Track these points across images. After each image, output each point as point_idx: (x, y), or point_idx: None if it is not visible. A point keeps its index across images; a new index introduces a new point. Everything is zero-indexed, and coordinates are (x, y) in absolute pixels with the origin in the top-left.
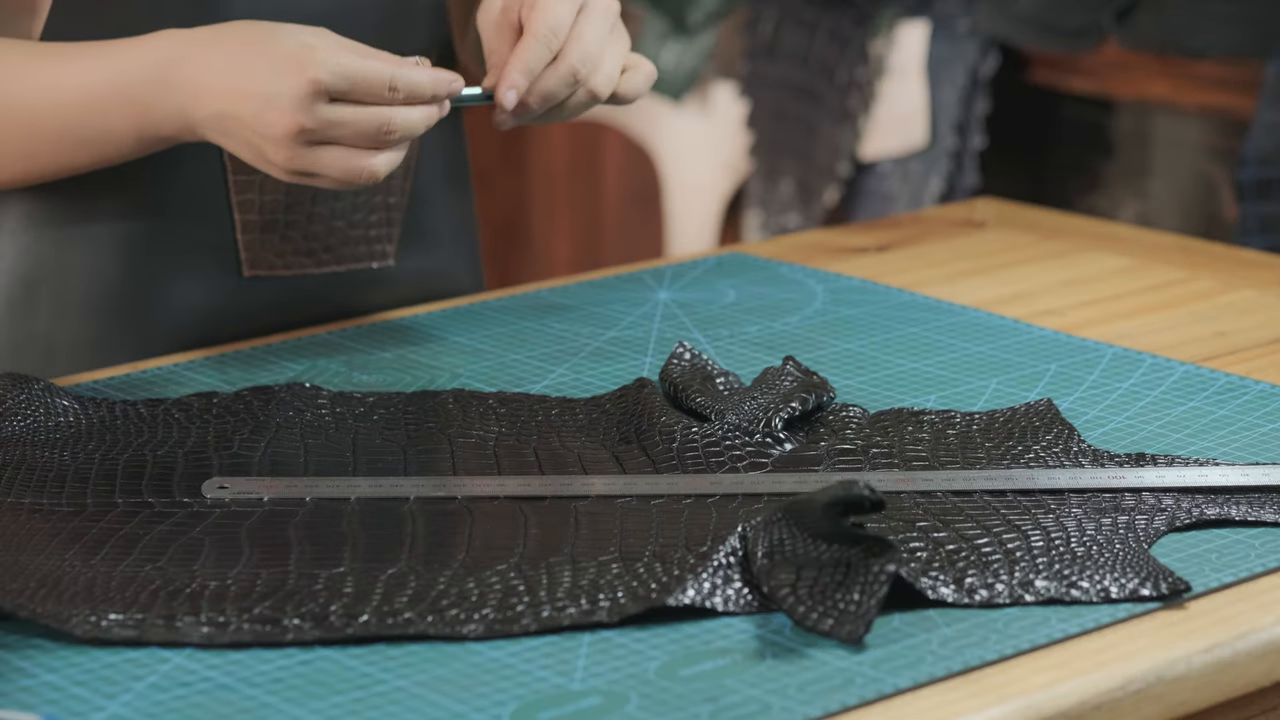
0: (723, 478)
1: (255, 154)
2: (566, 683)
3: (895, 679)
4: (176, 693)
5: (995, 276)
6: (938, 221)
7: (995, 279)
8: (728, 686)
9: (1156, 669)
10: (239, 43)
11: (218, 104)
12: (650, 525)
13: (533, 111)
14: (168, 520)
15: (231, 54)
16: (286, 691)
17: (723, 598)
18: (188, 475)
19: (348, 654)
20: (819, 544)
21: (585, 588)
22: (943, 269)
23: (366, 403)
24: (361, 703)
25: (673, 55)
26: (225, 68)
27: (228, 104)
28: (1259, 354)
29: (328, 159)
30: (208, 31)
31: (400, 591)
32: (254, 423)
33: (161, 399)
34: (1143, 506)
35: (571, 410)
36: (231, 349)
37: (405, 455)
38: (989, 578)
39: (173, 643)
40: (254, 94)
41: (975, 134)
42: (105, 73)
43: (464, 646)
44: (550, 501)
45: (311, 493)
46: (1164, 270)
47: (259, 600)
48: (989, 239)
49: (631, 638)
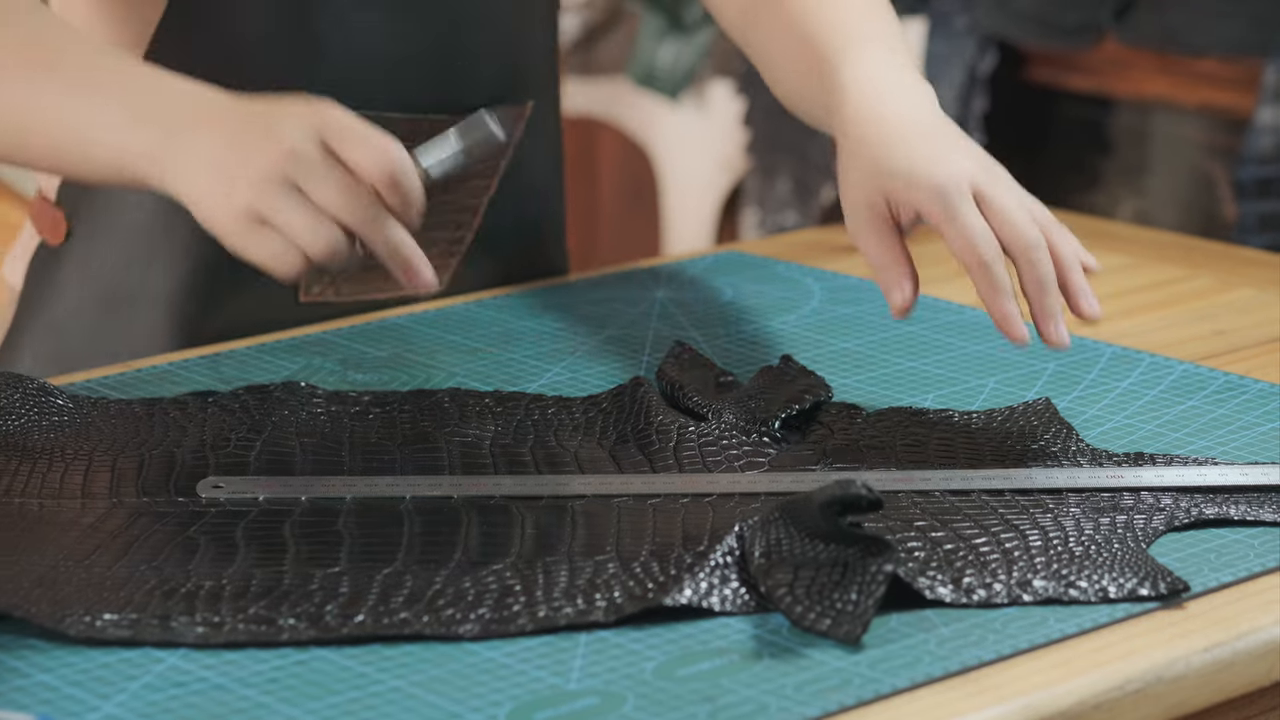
0: (720, 477)
1: (216, 181)
2: (563, 683)
3: (893, 679)
4: (171, 693)
5: None
6: None
7: None
8: (725, 687)
9: (1155, 669)
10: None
11: (203, 129)
12: (647, 525)
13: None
14: (163, 520)
15: (232, 101)
16: (282, 692)
17: (720, 598)
18: (183, 475)
19: (343, 654)
20: (816, 544)
21: (582, 587)
22: (941, 268)
23: (362, 402)
24: (357, 703)
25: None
26: (222, 105)
27: (213, 126)
28: (1258, 353)
29: (296, 206)
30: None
31: (396, 591)
32: (250, 422)
33: (158, 398)
34: (1141, 506)
35: (568, 409)
36: (226, 348)
37: (401, 455)
38: (987, 577)
39: (167, 643)
40: (253, 117)
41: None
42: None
43: (460, 646)
44: (547, 501)
45: (307, 492)
46: (1163, 269)
47: (254, 600)
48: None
49: (628, 638)
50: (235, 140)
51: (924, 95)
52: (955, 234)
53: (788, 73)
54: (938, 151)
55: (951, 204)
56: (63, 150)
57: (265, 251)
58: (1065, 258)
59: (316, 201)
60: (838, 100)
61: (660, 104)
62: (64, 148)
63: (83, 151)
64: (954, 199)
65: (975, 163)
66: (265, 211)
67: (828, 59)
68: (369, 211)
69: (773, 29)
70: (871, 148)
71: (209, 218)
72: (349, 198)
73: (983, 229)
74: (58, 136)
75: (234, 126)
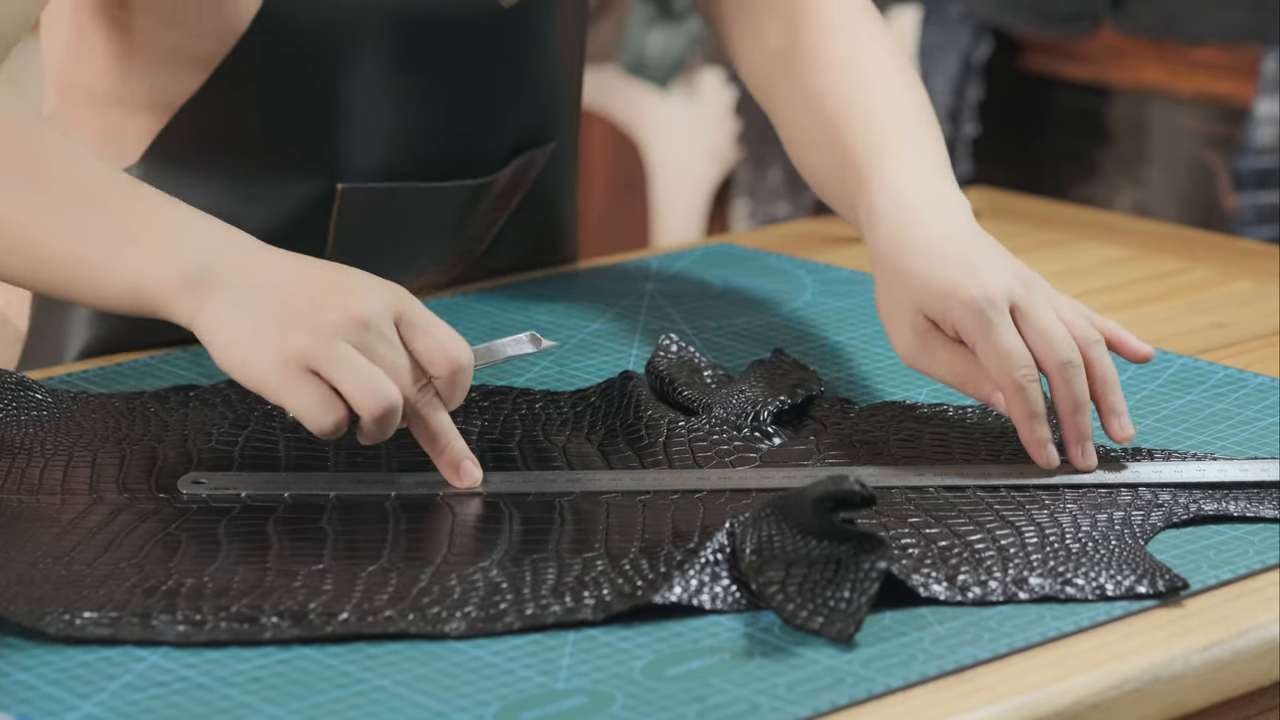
0: (710, 473)
1: (268, 326)
2: (550, 682)
3: (886, 678)
4: (152, 692)
5: None
6: None
7: None
8: (715, 686)
9: (1153, 668)
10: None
11: (266, 274)
12: (636, 521)
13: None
14: (144, 516)
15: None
16: (264, 691)
17: (710, 595)
18: (164, 470)
19: (327, 653)
20: (808, 540)
21: (570, 585)
22: None
23: None
24: (341, 702)
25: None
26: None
27: (279, 276)
28: (1258, 346)
29: (356, 361)
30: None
31: (381, 589)
32: (232, 417)
33: (138, 392)
34: (1139, 502)
35: (556, 404)
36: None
37: (386, 451)
38: (982, 575)
39: (148, 641)
40: (334, 280)
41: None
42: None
43: (446, 645)
44: (534, 497)
45: (291, 489)
46: (1161, 261)
47: (236, 598)
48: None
49: (617, 636)
50: (305, 294)
51: (958, 208)
52: (989, 353)
53: (811, 155)
54: (973, 268)
55: (986, 322)
56: (75, 282)
57: (307, 400)
58: (1103, 378)
59: (377, 364)
60: (868, 219)
61: (650, 93)
62: (76, 280)
63: (96, 286)
64: (989, 317)
65: (1013, 277)
66: (319, 360)
67: (856, 165)
68: (424, 393)
69: (794, 102)
70: (907, 276)
71: (248, 361)
72: (406, 375)
73: (1018, 349)
74: (71, 270)
75: (304, 281)
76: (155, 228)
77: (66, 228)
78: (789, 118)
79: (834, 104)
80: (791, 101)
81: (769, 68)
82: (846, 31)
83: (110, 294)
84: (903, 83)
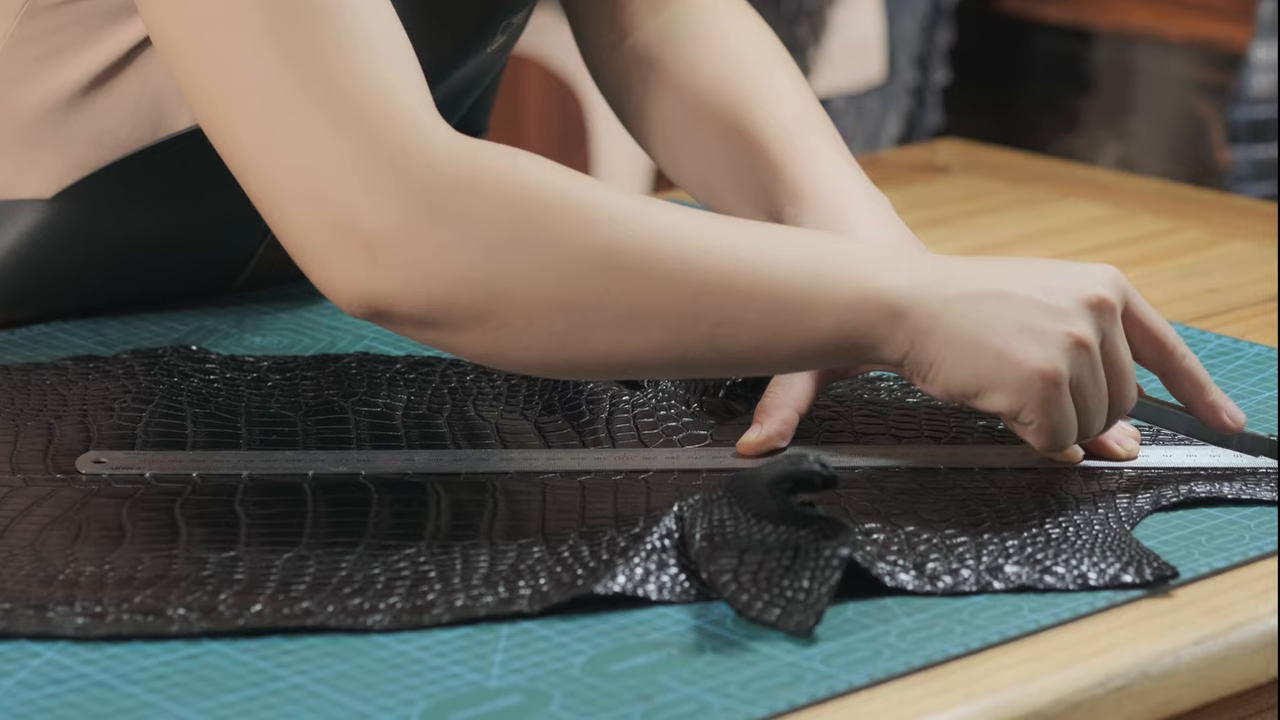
0: (657, 452)
1: (1015, 334)
2: (483, 679)
3: (849, 675)
4: (48, 690)
5: (960, 227)
6: (896, 165)
7: (960, 229)
8: (662, 684)
9: (1140, 664)
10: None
11: (992, 281)
12: (576, 505)
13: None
14: (39, 499)
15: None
16: (170, 689)
17: (657, 585)
18: (62, 448)
19: (239, 648)
20: (764, 525)
21: (504, 574)
22: (902, 218)
23: (260, 368)
24: (255, 702)
25: None
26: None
27: (1007, 281)
28: (1254, 313)
29: (1094, 379)
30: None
31: (298, 578)
32: (135, 390)
33: (34, 364)
34: (1125, 484)
35: (488, 376)
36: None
37: (303, 426)
38: (953, 562)
39: (44, 635)
40: (1051, 270)
41: (938, 68)
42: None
43: (368, 640)
44: (465, 478)
45: (199, 468)
46: (1148, 220)
47: (140, 588)
48: (953, 185)
49: (555, 629)
50: (1045, 301)
51: (885, 202)
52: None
53: (697, 143)
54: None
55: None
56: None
57: (1065, 418)
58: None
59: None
60: (794, 202)
61: None
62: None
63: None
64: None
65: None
66: (1077, 374)
67: (769, 151)
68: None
69: (664, 93)
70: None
71: (996, 378)
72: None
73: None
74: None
75: (1039, 284)
76: (839, 264)
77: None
78: (655, 110)
79: (722, 92)
80: (662, 92)
81: (630, 56)
82: (721, 16)
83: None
84: (787, 71)
